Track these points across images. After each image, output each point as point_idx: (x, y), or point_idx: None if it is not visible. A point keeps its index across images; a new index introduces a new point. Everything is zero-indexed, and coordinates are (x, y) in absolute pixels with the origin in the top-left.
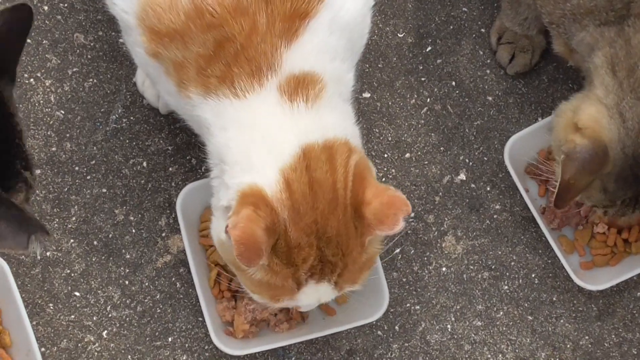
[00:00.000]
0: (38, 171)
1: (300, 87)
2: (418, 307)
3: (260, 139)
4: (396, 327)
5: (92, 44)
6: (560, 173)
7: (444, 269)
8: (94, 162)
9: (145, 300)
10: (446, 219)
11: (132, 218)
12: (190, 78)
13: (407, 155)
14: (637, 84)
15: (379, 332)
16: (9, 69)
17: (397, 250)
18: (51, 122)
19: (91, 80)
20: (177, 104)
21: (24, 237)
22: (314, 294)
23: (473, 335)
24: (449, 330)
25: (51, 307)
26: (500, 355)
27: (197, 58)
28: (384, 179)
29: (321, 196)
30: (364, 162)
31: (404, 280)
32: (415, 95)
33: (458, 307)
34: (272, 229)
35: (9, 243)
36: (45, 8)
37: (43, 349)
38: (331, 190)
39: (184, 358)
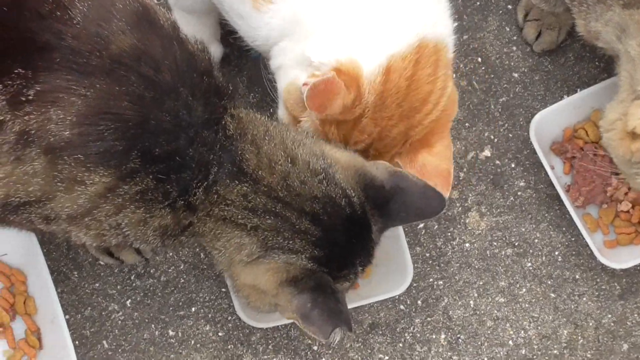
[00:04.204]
0: None
1: None
2: (441, 282)
3: (373, 18)
4: (419, 302)
5: None
6: None
7: (467, 244)
8: None
9: (169, 270)
10: (470, 195)
11: None
12: None
13: None
14: None
15: (402, 307)
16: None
17: (421, 225)
18: None
19: None
20: (249, 23)
21: (329, 329)
22: None
23: (495, 311)
24: (472, 306)
25: (76, 275)
26: (522, 332)
27: None
28: None
29: (413, 98)
30: (455, 94)
31: (427, 255)
32: None
33: (481, 283)
34: (348, 109)
35: (314, 329)
36: None
37: (67, 317)
38: (422, 100)
39: (207, 328)
